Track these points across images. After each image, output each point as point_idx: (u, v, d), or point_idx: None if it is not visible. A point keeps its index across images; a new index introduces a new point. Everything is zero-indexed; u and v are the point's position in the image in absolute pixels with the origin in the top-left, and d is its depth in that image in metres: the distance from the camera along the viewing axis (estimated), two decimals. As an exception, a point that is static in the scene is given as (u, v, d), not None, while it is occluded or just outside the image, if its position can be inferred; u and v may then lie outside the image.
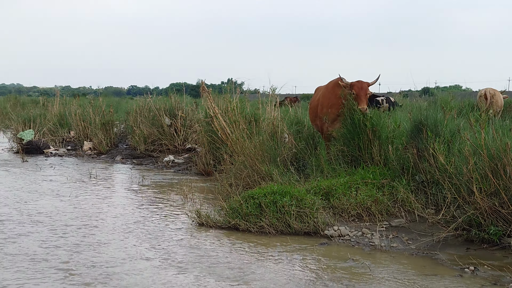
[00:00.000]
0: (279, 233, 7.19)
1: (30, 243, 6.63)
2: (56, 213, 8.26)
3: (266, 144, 9.86)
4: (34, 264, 5.86)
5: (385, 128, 8.58)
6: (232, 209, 7.55)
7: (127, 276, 5.55)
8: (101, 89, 29.07)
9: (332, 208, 7.65)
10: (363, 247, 6.72)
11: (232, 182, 9.32)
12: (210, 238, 7.03)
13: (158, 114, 15.70)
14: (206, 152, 12.39)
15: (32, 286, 5.25)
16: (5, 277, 5.42)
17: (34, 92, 77.43)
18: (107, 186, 10.85)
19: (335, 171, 8.51)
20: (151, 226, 7.63)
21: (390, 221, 7.37)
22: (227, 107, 11.87)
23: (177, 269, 5.80)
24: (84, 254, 6.24)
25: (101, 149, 16.53)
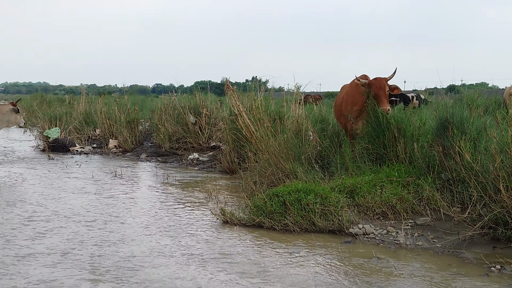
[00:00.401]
0: (303, 231, 7.19)
1: (57, 239, 6.70)
2: (81, 210, 8.33)
3: (291, 142, 9.85)
4: (62, 259, 5.92)
5: (410, 126, 8.52)
6: (257, 207, 7.56)
7: (152, 272, 5.58)
8: (126, 87, 29.27)
9: (356, 206, 7.63)
10: (388, 245, 6.69)
11: (257, 180, 9.33)
12: (235, 236, 7.05)
13: (183, 112, 15.74)
14: (231, 150, 12.40)
15: (61, 280, 5.30)
16: (34, 272, 5.47)
17: (60, 91, 78.18)
18: (132, 184, 10.92)
19: (359, 169, 8.48)
20: (175, 223, 7.66)
21: (415, 219, 7.33)
22: (251, 105, 11.88)
23: (201, 266, 5.82)
24: (109, 250, 6.29)
25: (126, 147, 16.63)
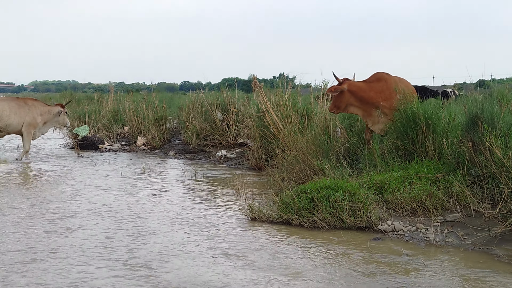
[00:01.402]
0: (331, 227, 7.17)
1: (88, 235, 6.76)
2: (111, 207, 8.39)
3: (319, 138, 9.81)
4: (94, 255, 5.97)
5: (440, 121, 8.44)
6: (285, 203, 7.55)
7: (182, 268, 5.60)
8: (154, 84, 29.39)
9: (385, 202, 7.57)
10: (418, 242, 6.64)
11: (284, 177, 9.32)
12: (263, 233, 7.05)
13: (210, 109, 15.78)
14: (258, 147, 12.41)
15: (95, 274, 5.35)
16: (70, 268, 5.53)
17: (89, 89, 78.81)
18: (160, 181, 10.97)
19: (388, 165, 8.42)
20: (204, 220, 7.69)
21: (445, 216, 7.26)
22: (279, 102, 11.87)
23: (229, 263, 5.84)
24: (139, 246, 6.34)
25: (154, 144, 16.71)
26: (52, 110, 14.00)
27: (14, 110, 13.28)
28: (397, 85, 9.23)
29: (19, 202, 8.60)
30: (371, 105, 9.19)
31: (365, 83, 9.30)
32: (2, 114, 13.11)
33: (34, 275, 5.38)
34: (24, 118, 13.40)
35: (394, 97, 9.09)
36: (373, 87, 9.20)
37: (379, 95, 9.15)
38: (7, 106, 13.25)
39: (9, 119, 13.21)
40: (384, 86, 9.21)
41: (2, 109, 13.11)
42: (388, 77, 9.34)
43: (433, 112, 8.46)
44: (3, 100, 13.57)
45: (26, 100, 13.98)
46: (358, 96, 9.15)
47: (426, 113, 8.41)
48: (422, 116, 8.38)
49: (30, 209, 8.16)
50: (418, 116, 8.42)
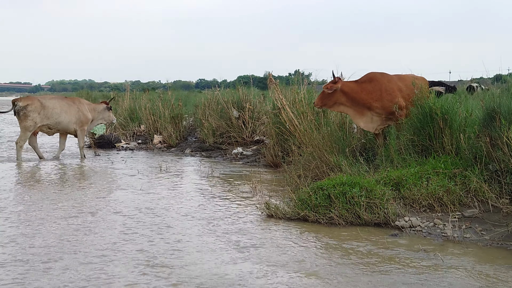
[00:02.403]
0: (348, 224, 7.15)
1: (108, 233, 6.78)
2: (129, 203, 8.43)
3: (335, 135, 9.80)
4: (114, 252, 5.99)
5: (457, 117, 8.38)
6: (301, 200, 7.54)
7: (199, 263, 5.61)
8: (170, 83, 29.45)
9: (402, 198, 7.54)
10: (435, 238, 6.61)
11: (301, 174, 9.31)
12: (279, 230, 7.04)
13: (226, 107, 15.79)
14: (274, 144, 12.41)
15: (117, 273, 5.37)
16: (90, 267, 5.55)
17: (105, 88, 79.18)
18: (177, 179, 11.00)
19: (405, 161, 8.38)
20: (220, 217, 7.70)
21: (462, 211, 7.21)
22: (294, 98, 11.86)
23: (245, 259, 5.84)
24: (158, 243, 6.35)
25: (170, 142, 16.76)
26: (97, 108, 14.68)
27: (64, 108, 13.79)
28: (390, 85, 9.24)
29: (40, 200, 8.66)
30: (362, 105, 9.20)
31: (357, 83, 9.31)
32: (53, 112, 13.58)
33: (58, 266, 5.42)
34: (74, 116, 13.93)
35: (386, 97, 9.12)
36: (364, 88, 9.22)
37: (370, 96, 9.16)
38: (58, 104, 13.75)
39: (59, 117, 13.68)
40: (376, 86, 9.22)
41: (53, 107, 13.59)
42: (381, 77, 9.34)
43: (450, 107, 8.41)
44: (53, 99, 14.02)
45: (73, 99, 14.64)
46: (350, 96, 9.17)
47: (443, 108, 8.37)
48: (439, 111, 8.34)
49: (53, 205, 8.21)
50: (435, 111, 8.38)
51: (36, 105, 13.34)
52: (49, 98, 13.95)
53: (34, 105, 13.32)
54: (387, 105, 9.13)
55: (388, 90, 9.20)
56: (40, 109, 13.35)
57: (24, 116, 13.23)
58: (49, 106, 13.53)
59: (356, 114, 9.31)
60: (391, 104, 9.11)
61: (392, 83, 9.30)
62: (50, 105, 13.56)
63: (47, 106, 13.50)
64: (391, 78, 9.39)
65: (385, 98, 9.15)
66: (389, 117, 9.22)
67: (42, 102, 13.52)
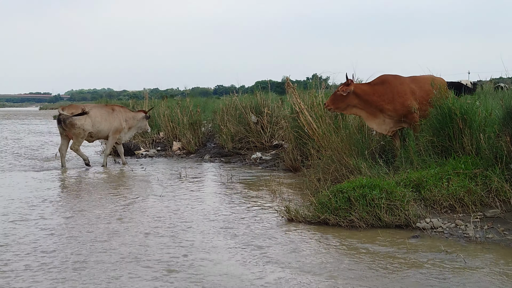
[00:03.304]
0: (369, 226, 7.12)
1: (129, 239, 6.80)
2: (150, 210, 8.46)
3: (353, 137, 9.77)
4: (131, 260, 6.01)
5: (476, 116, 8.33)
6: (321, 203, 7.52)
7: (219, 268, 5.61)
8: (188, 90, 29.47)
9: (423, 200, 7.50)
10: (457, 239, 6.56)
11: (320, 177, 9.29)
12: (300, 233, 7.03)
13: (244, 112, 15.82)
14: (293, 148, 12.40)
15: (137, 273, 5.39)
16: (105, 275, 5.58)
17: (124, 96, 79.56)
18: (196, 185, 11.03)
19: (425, 163, 8.34)
20: (241, 222, 7.70)
21: (484, 211, 7.16)
22: (312, 102, 11.86)
23: (266, 263, 5.83)
24: (176, 249, 6.36)
25: (189, 148, 16.80)
26: (136, 116, 14.94)
27: (104, 116, 14.13)
28: (402, 87, 9.20)
29: (63, 208, 8.72)
30: (375, 108, 9.17)
31: (369, 86, 9.29)
32: (95, 121, 13.91)
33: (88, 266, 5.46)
34: (112, 124, 14.26)
35: (398, 100, 9.09)
36: (377, 90, 9.18)
37: (382, 98, 9.13)
38: (99, 113, 14.06)
39: (100, 125, 14.04)
40: (387, 89, 9.19)
41: (95, 115, 13.91)
42: (393, 80, 9.31)
43: (469, 107, 8.36)
44: (94, 107, 14.34)
45: (113, 106, 14.93)
46: (362, 99, 9.15)
47: (462, 109, 8.32)
48: (458, 112, 8.29)
49: (75, 213, 8.26)
50: (454, 111, 8.33)
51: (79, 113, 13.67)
52: (91, 107, 14.28)
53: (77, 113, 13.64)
54: (398, 107, 9.11)
55: (400, 93, 9.17)
56: (86, 116, 13.69)
57: (70, 124, 13.57)
58: (92, 114, 13.85)
59: (369, 116, 9.28)
60: (403, 107, 9.08)
61: (404, 86, 9.27)
62: (92, 113, 13.87)
63: (90, 114, 13.81)
64: (403, 81, 9.35)
65: (397, 100, 9.12)
66: (402, 120, 9.18)
67: (86, 110, 13.81)
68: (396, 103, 9.10)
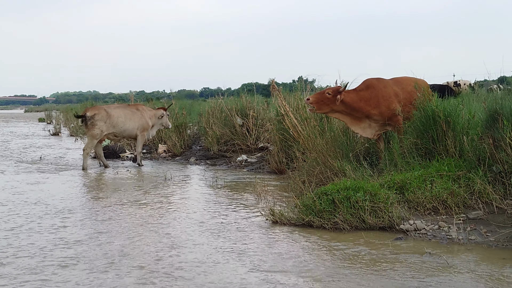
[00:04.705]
0: (353, 228, 7.15)
1: (111, 243, 6.79)
2: (134, 212, 8.44)
3: (338, 140, 9.80)
4: (112, 264, 5.99)
5: (460, 119, 8.39)
6: (306, 206, 7.54)
7: (203, 271, 5.61)
8: (174, 92, 29.56)
9: (407, 202, 7.54)
10: (440, 240, 6.61)
11: (305, 179, 9.31)
12: (284, 236, 7.05)
13: (230, 115, 15.83)
14: (279, 150, 12.42)
15: (122, 281, 5.38)
16: (82, 279, 5.57)
17: (110, 98, 79.32)
18: (182, 187, 11.02)
19: (408, 165, 8.38)
20: (225, 224, 7.71)
21: (467, 213, 7.21)
22: (298, 105, 11.88)
23: (251, 266, 5.83)
24: (159, 252, 6.35)
25: (175, 151, 16.79)
26: (157, 114, 15.29)
27: (128, 116, 14.48)
28: (386, 90, 9.23)
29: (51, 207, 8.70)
30: (361, 114, 9.19)
31: (356, 93, 9.26)
32: (118, 121, 14.27)
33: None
34: (137, 123, 14.62)
35: (383, 104, 9.13)
36: (363, 97, 9.19)
37: (368, 104, 9.16)
38: (122, 113, 14.42)
39: (124, 125, 14.39)
40: (372, 93, 9.21)
41: (118, 115, 14.28)
42: (377, 83, 9.33)
43: (452, 110, 8.41)
44: (117, 108, 14.76)
45: (137, 106, 15.40)
46: (350, 107, 9.14)
47: (445, 111, 8.37)
48: (442, 114, 8.34)
49: (58, 214, 8.24)
50: (438, 114, 8.38)
51: (103, 114, 14.01)
52: (113, 108, 14.66)
53: (101, 114, 13.99)
54: (384, 111, 9.15)
55: (385, 96, 9.19)
56: (106, 118, 14.01)
57: (91, 125, 13.92)
58: (114, 115, 14.18)
59: (353, 121, 9.28)
60: (389, 110, 9.13)
61: (388, 88, 9.29)
62: (115, 114, 14.21)
63: (113, 115, 14.15)
64: (387, 84, 9.38)
65: (382, 104, 9.15)
66: (387, 123, 9.23)
67: (108, 111, 14.17)
68: (382, 107, 9.13)
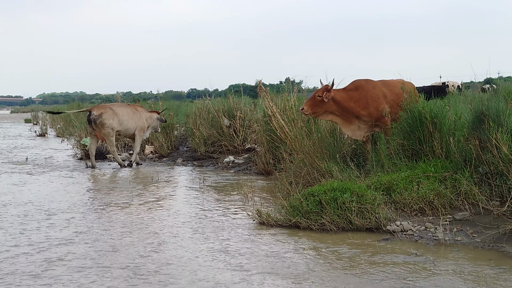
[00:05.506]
0: (340, 230, 7.15)
1: (95, 245, 6.76)
2: (120, 215, 8.40)
3: (325, 141, 9.81)
4: (99, 264, 5.97)
5: (446, 120, 8.41)
6: (293, 207, 7.54)
7: (190, 272, 5.60)
8: (161, 93, 29.40)
9: (393, 203, 7.55)
10: (427, 241, 6.62)
11: (292, 180, 9.31)
12: (271, 237, 7.04)
13: (217, 116, 15.80)
14: (266, 152, 12.41)
15: (104, 280, 5.35)
16: (71, 279, 5.54)
17: (97, 99, 78.91)
18: (169, 188, 10.99)
19: (395, 166, 8.40)
20: (212, 225, 7.69)
21: (453, 214, 7.23)
22: (285, 106, 11.87)
23: (237, 268, 5.82)
24: (149, 252, 6.33)
25: (162, 152, 16.73)
26: (152, 116, 15.53)
27: (130, 115, 14.69)
28: (375, 91, 9.25)
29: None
30: (351, 114, 9.20)
31: (345, 91, 9.27)
32: (123, 119, 14.45)
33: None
34: (137, 123, 14.86)
35: (372, 104, 9.15)
36: (352, 96, 9.20)
37: (358, 104, 9.17)
38: (125, 111, 14.61)
39: (128, 123, 14.61)
40: (361, 94, 9.23)
41: (123, 114, 14.44)
42: (366, 84, 9.36)
43: (439, 111, 8.44)
44: (120, 106, 14.92)
45: (135, 106, 15.57)
46: (340, 105, 9.14)
47: (432, 112, 8.39)
48: (428, 115, 8.36)
49: (45, 214, 8.20)
50: (424, 115, 8.40)
51: (109, 112, 14.15)
52: (117, 106, 14.82)
53: (108, 113, 14.12)
54: (373, 112, 9.16)
55: (373, 97, 9.21)
56: (114, 115, 14.18)
57: (100, 124, 14.04)
58: (120, 113, 14.35)
59: (344, 123, 9.28)
60: (377, 111, 9.14)
61: (377, 90, 9.32)
62: (120, 112, 14.38)
63: (118, 113, 14.32)
64: (375, 85, 9.41)
65: (371, 105, 9.17)
66: (375, 124, 9.25)
67: (114, 109, 14.31)
68: (371, 108, 9.15)
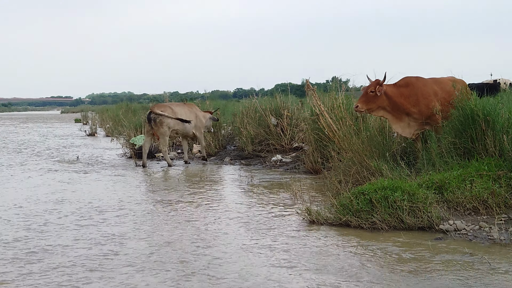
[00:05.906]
0: (391, 228, 7.07)
1: (150, 243, 6.80)
2: (171, 214, 8.46)
3: (374, 139, 9.70)
4: (152, 260, 6.00)
5: (499, 118, 8.24)
6: (343, 205, 7.48)
7: (241, 270, 5.59)
8: (207, 93, 29.50)
9: (446, 202, 7.43)
10: (481, 241, 6.49)
11: (341, 179, 9.23)
12: (322, 235, 7.00)
13: (264, 115, 15.79)
14: (314, 150, 12.35)
15: (161, 277, 5.39)
16: (125, 272, 5.58)
17: (145, 99, 79.72)
18: (217, 187, 11.03)
19: (447, 164, 8.26)
20: (262, 223, 7.68)
21: (509, 213, 7.08)
22: (333, 104, 11.81)
23: (288, 265, 5.80)
24: (200, 250, 6.35)
25: (209, 151, 16.80)
26: (206, 115, 15.66)
27: (187, 114, 14.84)
28: (426, 89, 9.11)
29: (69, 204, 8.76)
30: (401, 111, 9.09)
31: (395, 87, 9.17)
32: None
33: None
34: (193, 122, 14.95)
35: (422, 102, 9.02)
36: (402, 93, 9.10)
37: (408, 101, 9.06)
38: (183, 110, 14.82)
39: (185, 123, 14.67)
40: (412, 91, 9.12)
41: (181, 113, 14.64)
42: (416, 81, 9.23)
43: (492, 109, 8.27)
44: (178, 105, 15.17)
45: (190, 105, 15.84)
46: (392, 101, 9.05)
47: (484, 110, 8.23)
48: (481, 113, 8.21)
49: (85, 213, 8.30)
50: (477, 113, 8.25)
51: (169, 111, 14.33)
52: (175, 105, 15.01)
53: (167, 112, 14.29)
54: (423, 109, 9.04)
55: (424, 95, 9.09)
56: (172, 115, 14.30)
57: (160, 123, 14.22)
58: (178, 112, 14.51)
59: (395, 119, 9.20)
60: (428, 109, 9.02)
61: (427, 87, 9.19)
62: (178, 111, 14.54)
63: (177, 112, 14.47)
64: (426, 82, 9.28)
65: (421, 102, 9.05)
66: (426, 122, 9.12)
67: (173, 108, 14.50)
68: (421, 105, 9.04)
